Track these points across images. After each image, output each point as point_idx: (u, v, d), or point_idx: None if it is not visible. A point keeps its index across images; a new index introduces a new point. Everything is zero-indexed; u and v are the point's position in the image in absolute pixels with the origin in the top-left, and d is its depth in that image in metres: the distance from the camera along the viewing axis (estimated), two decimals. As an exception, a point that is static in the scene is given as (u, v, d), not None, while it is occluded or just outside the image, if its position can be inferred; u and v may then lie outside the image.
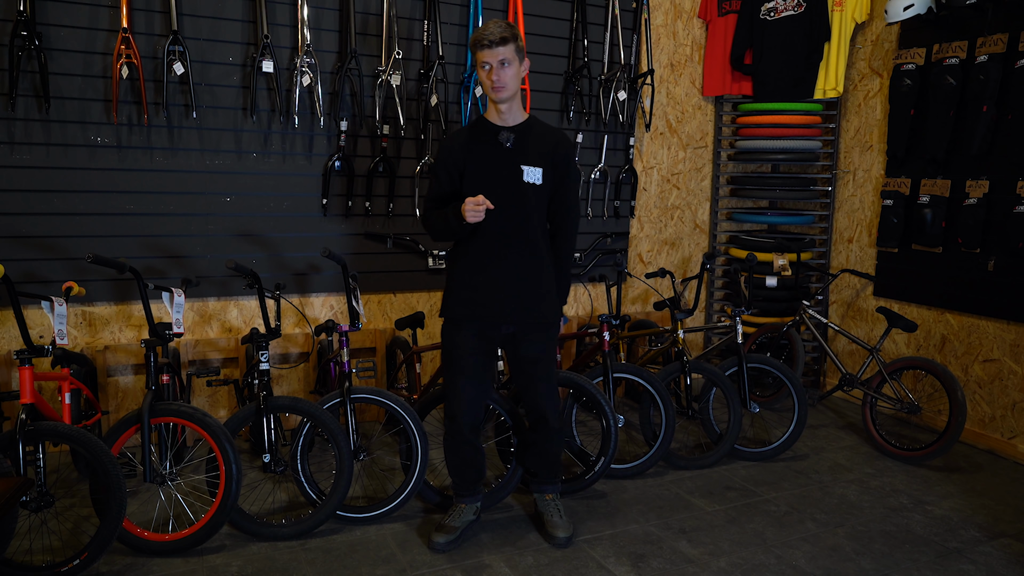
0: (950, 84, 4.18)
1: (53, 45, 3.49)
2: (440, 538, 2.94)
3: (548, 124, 2.90)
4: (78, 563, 2.60)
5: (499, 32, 2.64)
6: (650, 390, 3.65)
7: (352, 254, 4.19)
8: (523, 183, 2.76)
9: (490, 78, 2.68)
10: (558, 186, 2.84)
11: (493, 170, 2.76)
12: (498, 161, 2.76)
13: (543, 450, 3.06)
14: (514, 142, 2.77)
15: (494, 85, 2.68)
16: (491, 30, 2.64)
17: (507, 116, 2.79)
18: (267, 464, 3.02)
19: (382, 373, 4.29)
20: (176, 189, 3.80)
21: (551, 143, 2.81)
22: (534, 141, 2.80)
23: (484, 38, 2.64)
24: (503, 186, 2.75)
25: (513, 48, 2.67)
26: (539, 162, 2.78)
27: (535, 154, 2.78)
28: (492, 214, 2.71)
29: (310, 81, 3.89)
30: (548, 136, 2.83)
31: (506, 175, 2.76)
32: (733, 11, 4.97)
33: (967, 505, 3.47)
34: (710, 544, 3.05)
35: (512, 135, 2.77)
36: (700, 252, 5.38)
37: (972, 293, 4.20)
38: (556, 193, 2.85)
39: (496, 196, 2.71)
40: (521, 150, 2.77)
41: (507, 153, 2.77)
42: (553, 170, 2.81)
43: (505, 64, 2.66)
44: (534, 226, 2.79)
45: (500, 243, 2.77)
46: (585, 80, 4.68)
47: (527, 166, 2.76)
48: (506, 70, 2.67)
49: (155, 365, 2.91)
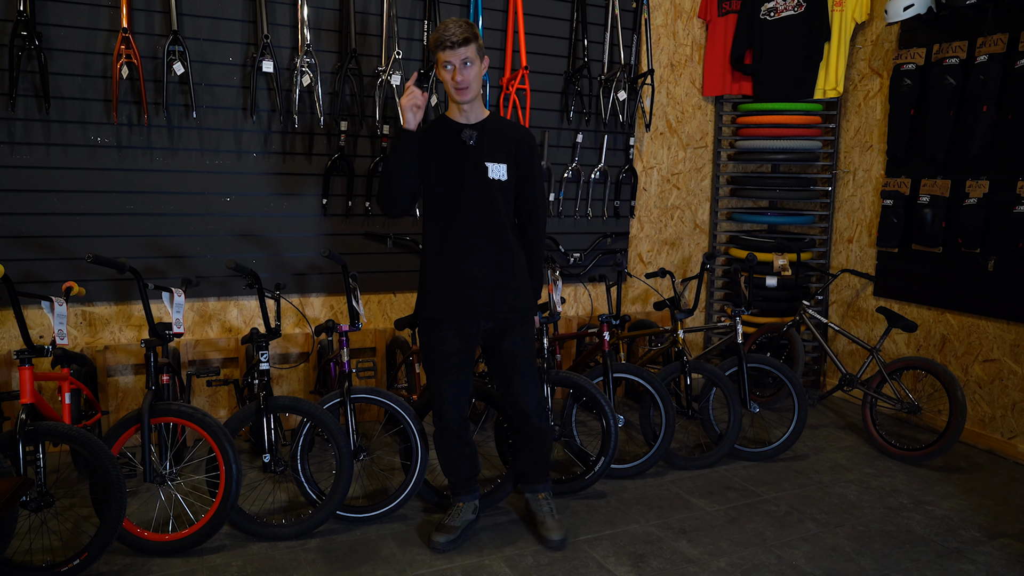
0: (950, 84, 4.18)
1: (53, 45, 3.49)
2: (440, 537, 2.94)
3: (508, 120, 2.92)
4: (78, 563, 2.60)
5: (460, 32, 2.63)
6: (650, 390, 3.65)
7: (352, 254, 4.19)
8: (488, 179, 2.77)
9: (454, 79, 2.69)
10: (523, 181, 2.86)
11: (457, 168, 2.77)
12: (462, 159, 2.78)
13: (531, 449, 3.05)
14: (476, 139, 2.78)
15: (458, 86, 2.69)
16: (452, 30, 2.63)
17: (469, 114, 2.80)
18: (267, 464, 3.02)
19: (382, 373, 4.29)
20: (176, 189, 3.81)
21: (513, 139, 2.83)
22: (496, 138, 2.81)
23: (446, 39, 2.63)
24: (469, 184, 2.77)
25: (475, 48, 2.68)
26: (503, 158, 2.80)
27: (498, 150, 2.79)
28: (461, 212, 2.75)
29: (310, 81, 3.89)
30: (510, 132, 2.85)
31: (471, 173, 2.77)
32: (733, 11, 4.97)
33: (967, 505, 3.47)
34: (710, 544, 3.05)
35: (475, 132, 2.78)
36: (700, 252, 5.38)
37: (972, 293, 4.20)
38: (522, 188, 2.87)
39: (463, 194, 2.75)
40: (484, 147, 2.79)
41: (470, 151, 2.78)
42: (517, 165, 2.83)
43: (468, 63, 2.67)
44: (503, 221, 2.81)
45: (471, 240, 2.78)
46: (585, 80, 4.68)
47: (491, 163, 2.78)
48: (469, 69, 2.68)
49: (155, 365, 2.91)
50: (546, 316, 3.51)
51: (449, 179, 2.78)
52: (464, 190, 2.76)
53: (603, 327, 3.69)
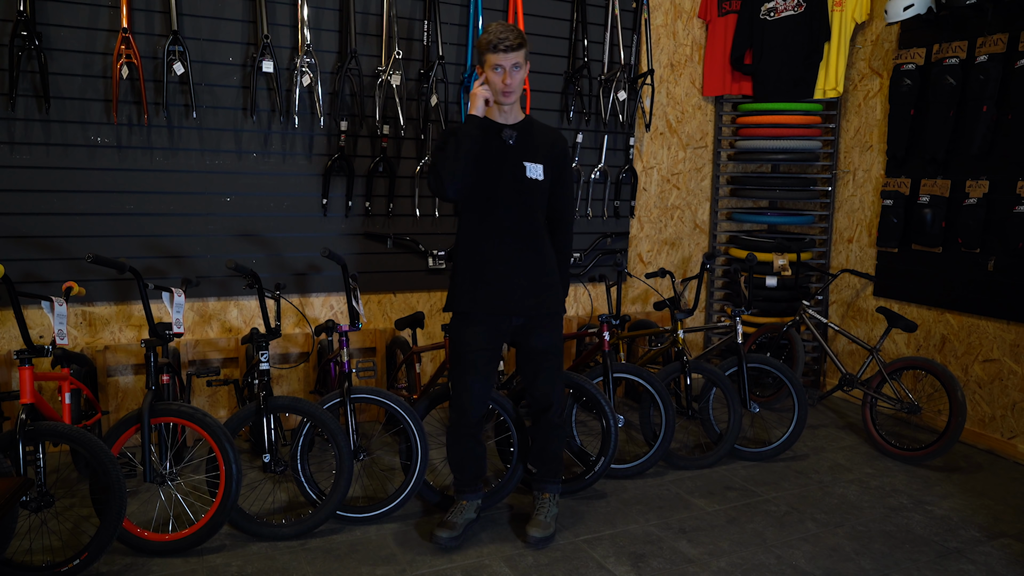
0: (950, 84, 4.18)
1: (53, 45, 3.49)
2: (443, 533, 2.96)
3: (544, 123, 3.01)
4: (78, 563, 2.60)
5: (514, 37, 2.72)
6: (650, 390, 3.65)
7: (352, 254, 4.19)
8: (527, 178, 2.84)
9: (503, 81, 2.75)
10: (556, 182, 2.93)
11: (497, 166, 2.83)
12: (501, 157, 2.84)
13: (543, 446, 3.08)
14: (516, 139, 2.85)
15: (506, 88, 2.76)
16: (506, 35, 2.71)
17: (508, 115, 2.88)
18: (267, 464, 3.02)
19: (382, 373, 4.29)
20: (176, 189, 3.80)
21: (549, 141, 2.91)
22: (534, 139, 2.89)
23: (501, 42, 2.70)
24: (507, 182, 2.83)
25: (524, 53, 2.77)
26: (540, 159, 2.87)
27: (536, 151, 2.87)
28: (497, 209, 2.82)
29: (310, 81, 3.89)
30: (546, 134, 2.93)
31: (510, 171, 2.83)
32: (733, 11, 4.97)
33: (967, 505, 3.47)
34: (710, 544, 3.05)
35: (515, 132, 2.85)
36: (700, 252, 5.38)
37: (972, 293, 4.21)
38: (554, 189, 2.93)
39: (500, 191, 2.82)
40: (523, 147, 2.86)
41: (510, 150, 2.84)
42: (552, 167, 2.90)
43: (517, 68, 2.75)
44: (537, 220, 2.89)
45: (506, 237, 2.84)
46: (585, 80, 4.68)
47: (529, 162, 2.84)
48: (517, 74, 2.76)
49: (155, 365, 2.91)
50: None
51: (487, 177, 2.83)
52: (501, 188, 2.83)
53: (603, 327, 3.69)
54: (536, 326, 2.91)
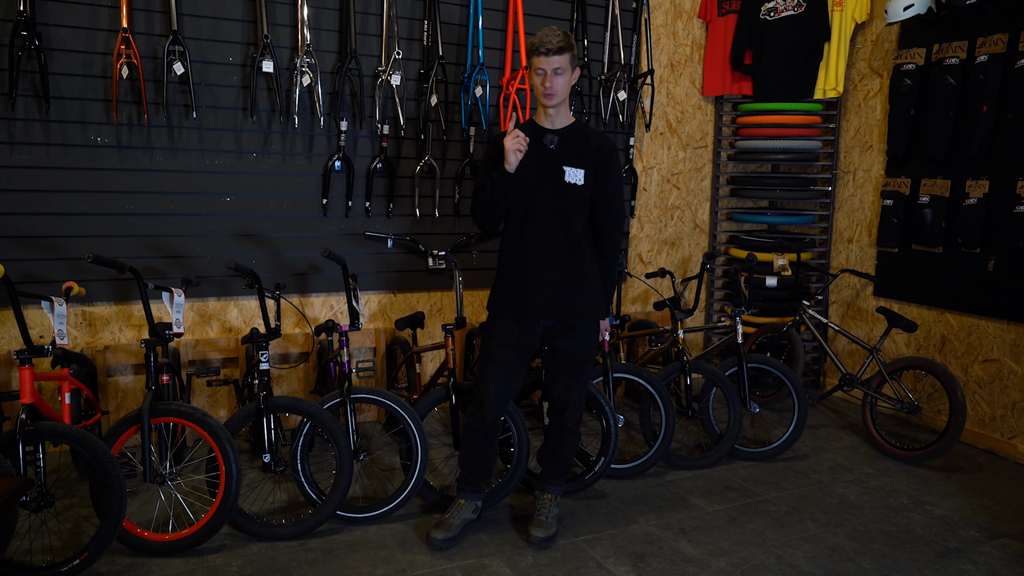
0: (950, 84, 4.18)
1: (53, 45, 3.49)
2: (438, 534, 2.96)
3: (593, 128, 2.99)
4: (78, 563, 2.60)
5: (557, 41, 2.72)
6: (650, 390, 3.65)
7: (352, 254, 4.19)
8: (564, 183, 2.84)
9: (543, 84, 2.77)
10: (600, 188, 2.91)
11: (536, 169, 2.84)
12: (541, 161, 2.85)
13: (553, 448, 3.09)
14: (558, 144, 2.85)
15: (546, 92, 2.78)
16: (550, 38, 2.72)
17: (554, 119, 2.88)
18: (267, 464, 3.02)
19: (382, 373, 4.29)
20: (176, 189, 3.80)
21: (594, 146, 2.89)
22: (577, 143, 2.88)
23: (543, 45, 2.72)
24: (546, 185, 2.84)
25: (568, 58, 2.76)
26: (581, 163, 2.86)
27: (577, 156, 2.86)
28: (536, 212, 2.85)
29: (310, 81, 3.89)
30: (591, 139, 2.91)
31: (549, 175, 2.84)
32: (733, 11, 4.97)
33: (967, 505, 3.47)
34: (710, 544, 3.05)
35: (556, 137, 2.85)
36: (700, 252, 5.38)
37: (972, 293, 4.20)
38: (598, 194, 2.91)
39: (539, 195, 2.84)
40: (564, 151, 2.86)
41: (551, 154, 2.85)
42: (595, 172, 2.88)
43: (559, 72, 2.75)
44: (574, 225, 2.88)
45: (542, 240, 2.86)
46: (585, 80, 4.68)
47: (569, 167, 2.84)
48: (559, 78, 2.77)
49: (155, 365, 2.91)
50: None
51: (528, 180, 2.84)
52: (540, 192, 2.84)
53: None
54: (566, 329, 2.93)
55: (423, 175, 4.29)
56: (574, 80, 2.85)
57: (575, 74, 2.84)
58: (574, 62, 2.81)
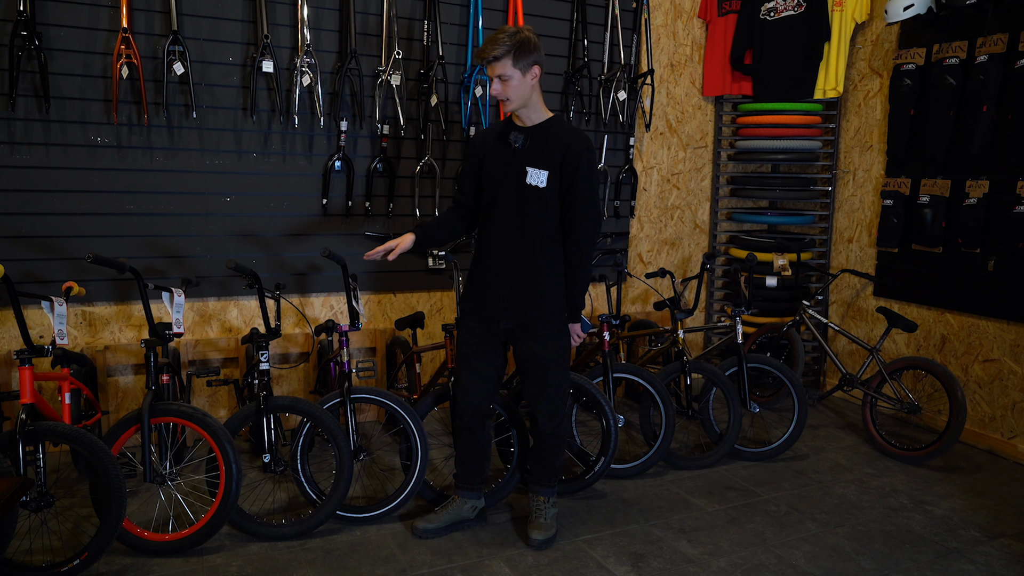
0: (950, 84, 4.18)
1: (53, 45, 3.49)
2: (422, 524, 3.01)
3: (569, 125, 2.88)
4: (78, 563, 2.60)
5: (492, 51, 2.65)
6: (650, 390, 3.65)
7: (352, 254, 4.18)
8: (524, 184, 2.80)
9: (494, 91, 2.76)
10: (567, 190, 2.81)
11: (501, 169, 2.84)
12: (507, 161, 2.83)
13: (536, 451, 3.08)
14: (523, 143, 2.81)
15: (497, 97, 2.76)
16: (489, 47, 2.66)
17: (524, 119, 2.84)
18: (267, 464, 3.02)
19: (382, 373, 4.29)
20: (176, 189, 3.80)
21: (562, 145, 2.77)
22: (546, 143, 2.80)
23: (481, 55, 2.70)
24: (507, 185, 2.82)
25: (510, 63, 2.67)
26: (545, 165, 2.78)
27: (543, 156, 2.79)
28: (498, 213, 2.84)
29: (310, 81, 3.89)
30: (562, 138, 2.79)
31: (511, 175, 2.82)
32: (733, 11, 4.97)
33: (967, 505, 3.47)
34: (710, 544, 3.05)
35: (522, 136, 2.81)
36: (700, 252, 5.37)
37: (972, 293, 4.20)
38: (565, 196, 2.82)
39: (500, 195, 2.83)
40: (530, 152, 2.80)
41: (515, 154, 2.82)
42: (561, 174, 2.79)
43: (504, 79, 2.70)
44: (534, 227, 2.81)
45: (502, 242, 2.84)
46: (585, 80, 4.68)
47: (532, 168, 2.79)
48: (506, 84, 2.71)
49: (155, 365, 2.91)
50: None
51: (492, 180, 2.84)
52: (502, 192, 2.82)
53: (603, 327, 3.68)
54: (524, 334, 2.88)
55: (423, 175, 4.29)
56: (535, 77, 2.74)
57: (533, 72, 2.72)
58: (522, 63, 2.68)
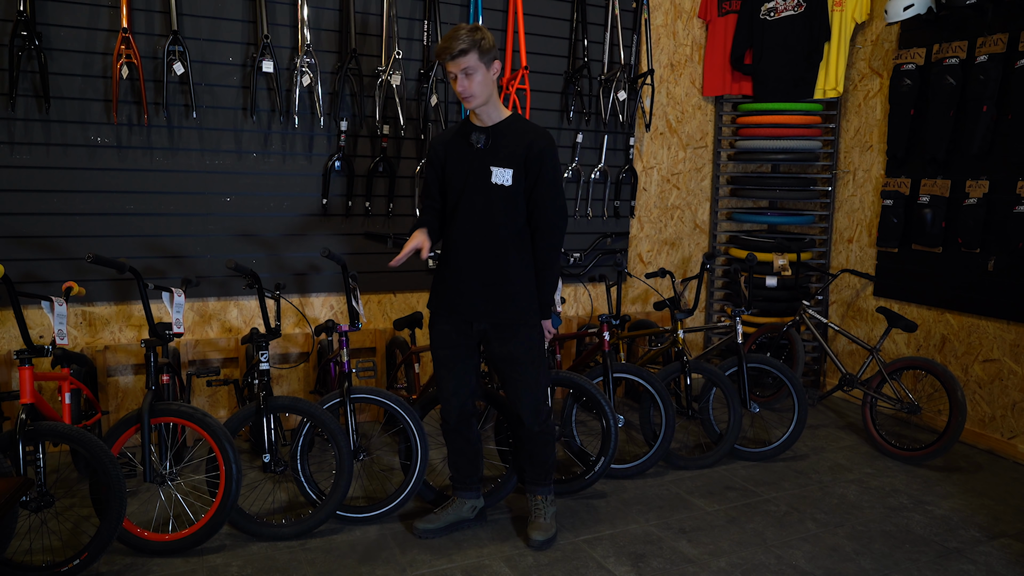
0: (950, 84, 4.18)
1: (53, 45, 3.49)
2: (422, 524, 3.00)
3: (528, 123, 2.86)
4: (78, 563, 2.60)
5: (457, 44, 2.61)
6: (650, 390, 3.65)
7: (352, 254, 4.19)
8: (490, 184, 2.77)
9: (456, 88, 2.70)
10: (532, 186, 2.79)
11: (464, 170, 2.79)
12: (470, 162, 2.79)
13: (527, 451, 3.05)
14: (485, 143, 2.78)
15: (462, 95, 2.70)
16: (450, 43, 2.62)
17: (484, 117, 2.80)
18: (267, 464, 3.02)
19: (382, 373, 4.29)
20: (176, 189, 3.80)
21: (525, 143, 2.75)
22: (508, 141, 2.77)
23: (444, 52, 2.64)
24: (472, 186, 2.78)
25: (475, 57, 2.64)
26: (509, 163, 2.76)
27: (506, 155, 2.76)
28: (463, 214, 2.80)
29: (310, 81, 3.89)
30: (524, 136, 2.77)
31: (476, 176, 2.78)
32: (733, 11, 4.97)
33: (967, 505, 3.47)
34: (710, 544, 3.05)
35: (483, 136, 2.78)
36: (700, 252, 5.38)
37: (972, 293, 4.20)
38: (531, 193, 2.80)
39: (465, 197, 2.79)
40: (492, 151, 2.77)
41: (478, 154, 2.78)
42: (525, 170, 2.77)
43: (468, 73, 2.66)
44: (502, 226, 2.78)
45: (470, 243, 2.81)
46: (585, 80, 4.68)
47: (496, 167, 2.76)
48: (471, 79, 2.67)
49: (155, 365, 2.91)
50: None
51: (456, 182, 2.81)
52: (467, 193, 2.78)
53: (603, 327, 3.68)
54: (497, 334, 2.86)
55: (423, 175, 4.29)
56: (495, 74, 2.72)
57: (494, 68, 2.71)
58: (486, 57, 2.66)
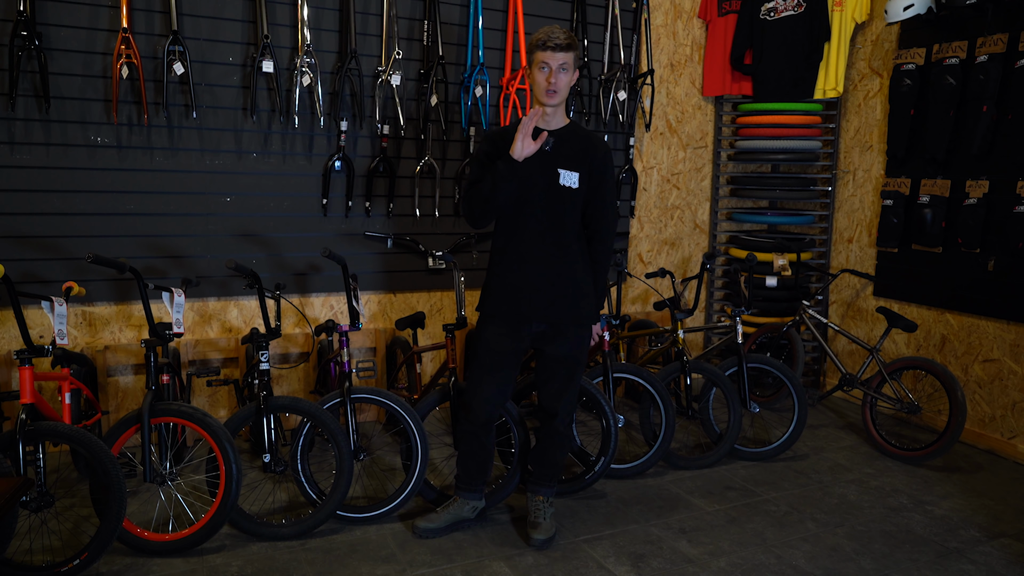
0: (950, 84, 4.18)
1: (53, 45, 3.49)
2: (422, 524, 3.00)
3: (588, 129, 2.93)
4: (78, 563, 2.60)
5: (565, 38, 2.68)
6: (650, 390, 3.65)
7: (352, 254, 4.19)
8: (559, 186, 2.80)
9: (548, 80, 2.72)
10: (594, 190, 2.86)
11: (531, 172, 2.79)
12: (537, 163, 2.79)
13: (544, 450, 3.07)
14: (553, 145, 2.80)
15: (549, 88, 2.72)
16: (557, 34, 2.68)
17: (551, 120, 2.83)
18: (267, 464, 3.02)
19: (382, 373, 4.29)
20: (176, 189, 3.80)
21: (589, 147, 2.84)
22: (573, 145, 2.83)
23: (551, 40, 2.67)
24: (540, 189, 2.80)
25: (574, 56, 2.73)
26: (576, 166, 2.81)
27: (573, 158, 2.81)
28: (529, 215, 2.80)
29: (310, 81, 3.89)
30: (587, 141, 2.85)
31: (543, 178, 2.80)
32: (733, 11, 4.97)
33: (967, 505, 3.47)
34: (710, 544, 3.05)
35: (552, 139, 2.80)
36: (700, 252, 5.38)
37: (972, 293, 4.20)
38: (591, 198, 2.87)
39: (532, 198, 2.79)
40: (560, 153, 2.81)
41: (546, 156, 2.80)
42: (590, 175, 2.84)
43: (564, 68, 2.71)
44: (569, 228, 2.84)
45: (536, 244, 2.82)
46: (585, 80, 4.68)
47: (564, 170, 2.80)
48: (563, 75, 2.72)
49: (155, 365, 2.91)
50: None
51: (522, 182, 2.79)
52: (534, 195, 2.79)
53: (603, 327, 3.68)
54: (557, 334, 2.88)
55: (423, 175, 4.29)
56: (573, 81, 2.80)
57: (575, 75, 2.81)
58: (577, 62, 2.79)
